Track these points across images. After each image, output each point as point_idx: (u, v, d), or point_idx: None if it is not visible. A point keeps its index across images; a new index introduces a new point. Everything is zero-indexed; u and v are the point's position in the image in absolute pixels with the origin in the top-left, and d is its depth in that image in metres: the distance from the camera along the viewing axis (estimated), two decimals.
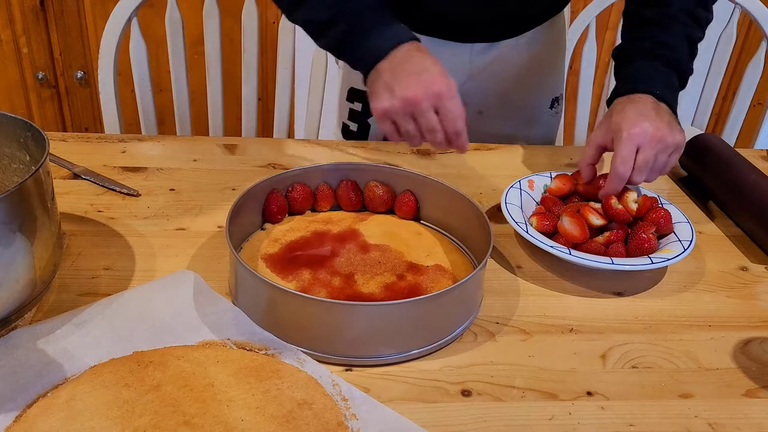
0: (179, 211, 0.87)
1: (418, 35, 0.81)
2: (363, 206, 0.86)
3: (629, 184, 0.83)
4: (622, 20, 0.97)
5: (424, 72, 0.76)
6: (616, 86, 0.89)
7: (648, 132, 0.80)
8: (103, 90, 1.21)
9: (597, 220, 0.81)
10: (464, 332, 0.71)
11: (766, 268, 0.85)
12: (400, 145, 1.09)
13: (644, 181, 0.83)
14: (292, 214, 0.84)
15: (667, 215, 0.83)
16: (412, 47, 0.79)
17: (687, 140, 1.03)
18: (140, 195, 0.90)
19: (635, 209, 0.82)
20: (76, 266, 0.76)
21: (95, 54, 1.95)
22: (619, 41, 0.96)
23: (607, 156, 0.86)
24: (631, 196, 0.82)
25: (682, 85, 0.89)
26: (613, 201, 0.82)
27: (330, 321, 0.64)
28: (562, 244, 0.79)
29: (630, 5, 0.94)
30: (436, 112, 0.76)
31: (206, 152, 1.02)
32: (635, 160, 0.81)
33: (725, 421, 0.63)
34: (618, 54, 0.93)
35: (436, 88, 0.75)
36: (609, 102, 0.89)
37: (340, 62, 1.17)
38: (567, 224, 0.80)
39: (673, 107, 0.86)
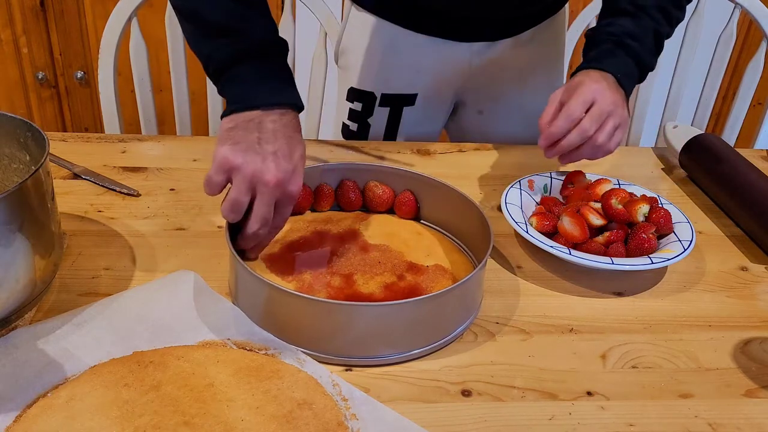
0: (179, 211, 0.87)
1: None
2: (363, 206, 0.86)
3: (583, 136, 0.81)
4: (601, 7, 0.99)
5: (280, 150, 0.69)
6: (582, 62, 0.90)
7: (606, 92, 0.83)
8: (103, 90, 1.21)
9: (597, 220, 0.81)
10: (464, 332, 0.71)
11: (766, 268, 0.85)
12: (400, 144, 1.09)
13: (597, 145, 0.82)
14: (292, 214, 0.84)
15: (667, 215, 0.83)
16: (286, 114, 0.72)
17: (687, 140, 1.04)
18: (140, 195, 0.90)
19: (641, 221, 0.82)
20: (76, 266, 0.76)
21: (95, 54, 1.95)
22: None
23: (585, 164, 0.87)
24: (642, 209, 0.82)
25: (641, 77, 0.91)
26: (613, 201, 0.82)
27: (330, 321, 0.64)
28: (562, 244, 0.79)
29: None
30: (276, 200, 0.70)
31: (206, 152, 1.02)
32: (589, 109, 0.81)
33: (725, 421, 0.63)
34: (589, 36, 0.94)
35: (288, 165, 0.69)
36: (572, 75, 0.90)
37: (340, 62, 1.17)
38: (567, 224, 0.80)
39: (627, 95, 0.87)
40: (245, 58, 0.72)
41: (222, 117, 0.72)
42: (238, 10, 0.73)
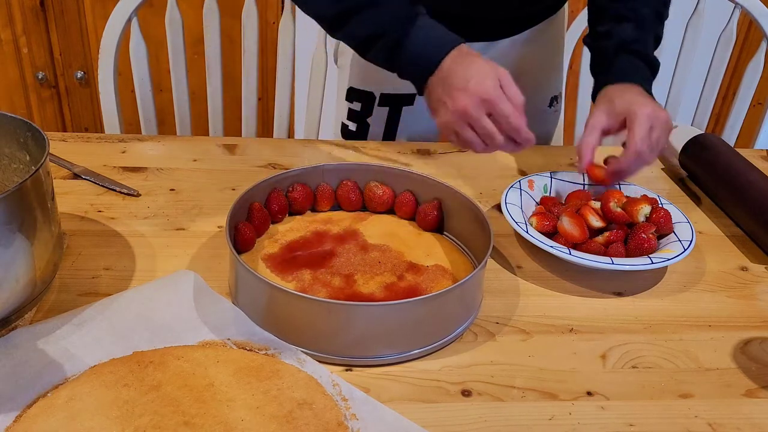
0: (179, 211, 0.87)
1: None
2: (363, 206, 0.86)
3: (642, 164, 0.84)
4: (588, 10, 1.00)
5: (469, 80, 0.78)
6: (601, 77, 0.92)
7: (656, 113, 0.84)
8: (103, 90, 1.21)
9: (596, 222, 0.81)
10: (464, 332, 0.71)
11: (766, 268, 0.85)
12: (400, 144, 1.09)
13: (646, 165, 0.85)
14: (292, 214, 0.84)
15: (667, 215, 0.83)
16: (457, 53, 0.81)
17: (687, 140, 1.04)
18: (140, 195, 0.90)
19: (642, 221, 0.82)
20: (76, 266, 0.76)
21: (95, 54, 1.95)
22: None
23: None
24: (644, 209, 0.82)
25: (653, 77, 0.93)
26: (612, 204, 0.82)
27: (330, 321, 0.64)
28: (562, 244, 0.79)
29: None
30: (491, 116, 0.79)
31: (206, 152, 1.02)
32: (650, 138, 0.83)
33: (725, 421, 0.63)
34: (595, 45, 0.96)
35: (483, 94, 0.77)
36: (596, 91, 0.92)
37: (339, 62, 1.17)
38: (567, 224, 0.80)
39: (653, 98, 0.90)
40: (397, 47, 0.83)
41: (420, 94, 0.85)
42: (371, 16, 0.84)
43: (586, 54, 1.34)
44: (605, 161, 0.89)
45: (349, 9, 0.85)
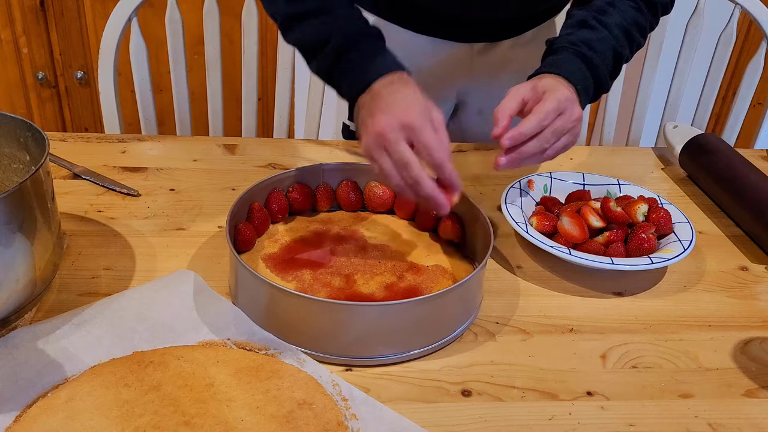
0: (179, 211, 0.87)
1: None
2: (363, 206, 0.86)
3: (538, 142, 0.77)
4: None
5: (395, 104, 0.72)
6: (542, 66, 0.86)
7: (574, 107, 0.79)
8: (103, 90, 1.21)
9: (596, 222, 0.81)
10: (464, 332, 0.71)
11: (766, 268, 0.85)
12: None
13: (543, 157, 0.79)
14: (292, 214, 0.84)
15: (667, 215, 0.83)
16: (394, 78, 0.76)
17: (687, 140, 1.04)
18: (140, 195, 0.90)
19: (641, 221, 0.82)
20: (76, 266, 0.76)
21: (95, 54, 1.95)
22: None
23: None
24: (641, 209, 0.82)
25: (595, 96, 0.87)
26: (612, 204, 0.82)
27: (330, 321, 0.64)
28: (562, 244, 0.79)
29: (573, 9, 0.94)
30: (412, 146, 0.70)
31: (206, 152, 1.02)
32: (553, 121, 0.77)
33: (725, 421, 0.63)
34: (549, 42, 0.91)
35: (407, 119, 0.70)
36: (532, 75, 0.86)
37: None
38: (567, 224, 0.80)
39: (581, 104, 0.84)
40: (338, 61, 0.80)
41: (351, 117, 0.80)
42: (323, 24, 0.81)
43: None
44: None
45: (304, 12, 0.82)
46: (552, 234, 0.82)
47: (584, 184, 0.91)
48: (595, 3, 0.91)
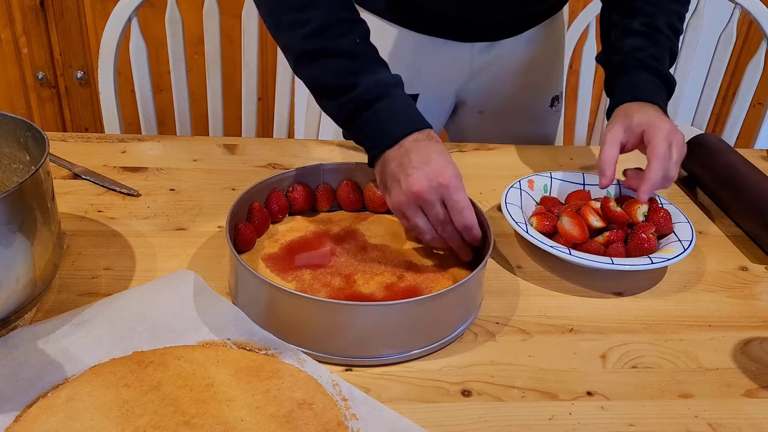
0: (179, 211, 0.87)
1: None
2: (363, 206, 0.86)
3: (666, 178, 0.82)
4: (600, 26, 0.98)
5: (429, 164, 0.72)
6: (619, 94, 0.89)
7: (675, 132, 0.83)
8: (103, 90, 1.21)
9: (596, 222, 0.81)
10: (464, 332, 0.71)
11: (766, 268, 0.85)
12: None
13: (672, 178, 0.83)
14: (292, 214, 0.84)
15: (667, 215, 0.83)
16: (422, 136, 0.75)
17: (687, 140, 1.04)
18: (140, 195, 0.90)
19: (641, 221, 0.82)
20: (76, 266, 0.76)
21: (95, 54, 1.95)
22: None
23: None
24: (641, 209, 0.82)
25: (668, 96, 0.91)
26: (612, 204, 0.82)
27: (330, 321, 0.64)
28: (562, 244, 0.79)
29: (612, 14, 0.95)
30: (444, 206, 0.73)
31: (206, 152, 1.02)
32: (670, 153, 0.82)
33: (725, 421, 0.63)
34: (609, 61, 0.93)
35: (442, 179, 0.72)
36: (613, 107, 0.89)
37: None
38: (567, 224, 0.80)
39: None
40: (364, 108, 0.76)
41: (370, 165, 0.79)
42: (347, 66, 0.77)
43: (586, 54, 1.35)
44: (624, 173, 0.88)
45: (328, 50, 0.77)
46: (552, 234, 0.82)
47: (584, 184, 0.91)
48: (635, 4, 0.92)
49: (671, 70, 0.94)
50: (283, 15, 0.79)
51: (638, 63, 0.89)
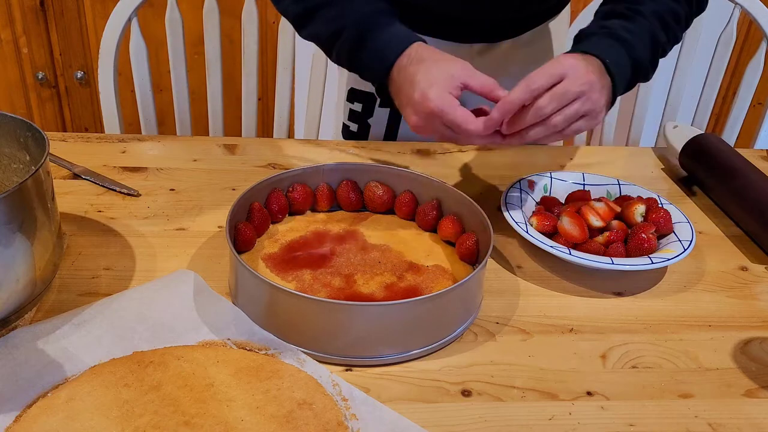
0: (179, 211, 0.87)
1: (422, 35, 0.81)
2: (363, 206, 0.86)
3: (536, 112, 0.73)
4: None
5: (413, 95, 0.76)
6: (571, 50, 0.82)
7: (580, 70, 0.74)
8: (103, 90, 1.21)
9: (596, 222, 0.81)
10: (464, 332, 0.71)
11: (766, 268, 0.85)
12: (401, 144, 1.09)
13: (538, 138, 0.75)
14: (292, 214, 0.84)
15: (667, 215, 0.83)
16: (405, 60, 0.79)
17: (687, 140, 1.04)
18: (140, 195, 0.90)
19: (639, 221, 0.82)
20: (76, 266, 0.76)
21: (95, 54, 1.95)
22: None
23: None
24: (639, 209, 0.82)
25: (636, 73, 0.82)
26: (611, 205, 0.82)
27: (330, 321, 0.64)
28: (562, 244, 0.79)
29: (602, 4, 0.92)
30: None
31: (206, 152, 1.02)
32: (554, 86, 0.73)
33: (725, 421, 0.63)
34: (577, 35, 0.87)
35: (427, 109, 0.75)
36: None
37: None
38: (567, 224, 0.80)
39: (616, 88, 0.79)
40: (356, 50, 0.82)
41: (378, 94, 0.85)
42: (331, 14, 0.84)
43: None
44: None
45: (313, 6, 0.84)
46: (552, 234, 0.82)
47: (584, 184, 0.91)
48: None
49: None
50: None
51: (601, 30, 0.83)
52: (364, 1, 0.84)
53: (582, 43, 0.83)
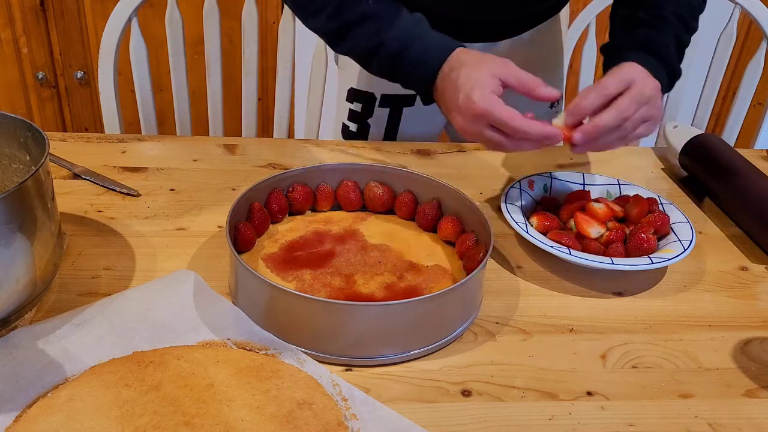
0: (179, 211, 0.87)
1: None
2: (363, 206, 0.86)
3: (619, 133, 0.76)
4: (610, 22, 0.96)
5: (458, 98, 0.77)
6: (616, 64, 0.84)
7: (648, 78, 0.78)
8: (103, 90, 1.21)
9: (596, 232, 0.82)
10: (464, 332, 0.71)
11: (766, 268, 0.85)
12: (400, 144, 1.09)
13: (618, 138, 0.77)
14: (292, 214, 0.84)
15: (665, 219, 0.83)
16: (446, 68, 0.80)
17: (687, 140, 1.04)
18: (140, 195, 0.90)
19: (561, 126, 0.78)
20: (76, 266, 0.76)
21: (95, 54, 1.95)
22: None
23: None
24: (557, 119, 0.79)
25: (670, 85, 0.87)
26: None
27: (330, 321, 0.64)
28: (565, 243, 0.79)
29: (619, 9, 0.93)
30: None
31: (206, 152, 1.02)
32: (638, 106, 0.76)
33: (725, 421, 0.63)
34: (608, 48, 0.90)
35: (472, 111, 0.75)
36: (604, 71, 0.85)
37: (340, 62, 1.17)
38: (583, 221, 0.82)
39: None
40: (398, 63, 0.83)
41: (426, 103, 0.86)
42: (369, 29, 0.84)
43: (586, 54, 1.35)
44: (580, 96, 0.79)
45: (349, 22, 0.84)
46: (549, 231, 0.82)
47: (584, 184, 0.92)
48: None
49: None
50: (307, 5, 0.88)
51: (635, 44, 0.85)
52: (401, 13, 0.84)
53: (618, 56, 0.84)
